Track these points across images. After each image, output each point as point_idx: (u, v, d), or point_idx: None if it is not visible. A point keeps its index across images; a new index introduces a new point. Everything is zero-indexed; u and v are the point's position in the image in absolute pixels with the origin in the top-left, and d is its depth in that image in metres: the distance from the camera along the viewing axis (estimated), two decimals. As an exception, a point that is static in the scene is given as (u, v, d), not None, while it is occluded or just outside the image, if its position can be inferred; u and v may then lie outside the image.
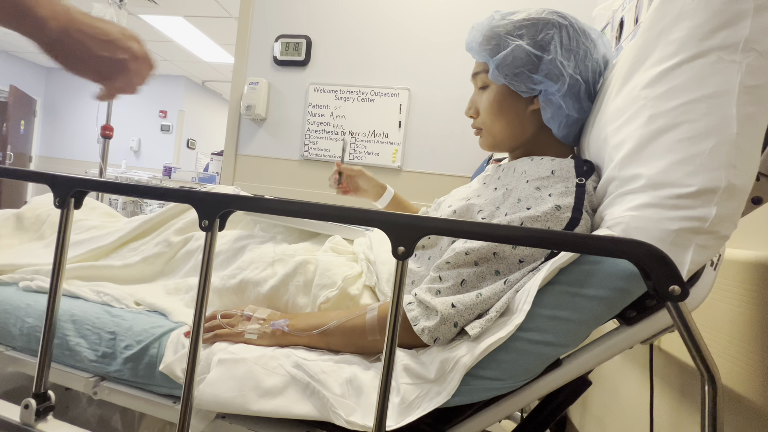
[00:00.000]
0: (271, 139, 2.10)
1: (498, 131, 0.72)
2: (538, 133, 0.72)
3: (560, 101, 0.66)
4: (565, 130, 0.70)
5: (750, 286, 0.62)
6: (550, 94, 0.66)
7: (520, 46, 0.65)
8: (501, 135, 0.73)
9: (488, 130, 0.74)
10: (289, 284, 0.72)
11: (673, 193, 0.47)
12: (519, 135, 0.72)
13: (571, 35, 0.65)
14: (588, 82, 0.67)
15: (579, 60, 0.66)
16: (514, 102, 0.70)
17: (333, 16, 2.03)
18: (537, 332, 0.51)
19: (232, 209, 0.52)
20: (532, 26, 0.66)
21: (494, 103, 0.71)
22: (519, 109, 0.70)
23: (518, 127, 0.71)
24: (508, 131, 0.72)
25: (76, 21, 0.51)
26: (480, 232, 0.47)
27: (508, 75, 0.67)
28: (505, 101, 0.70)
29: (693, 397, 0.74)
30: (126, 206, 4.71)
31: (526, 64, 0.66)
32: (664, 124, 0.49)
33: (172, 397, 0.65)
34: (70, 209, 0.59)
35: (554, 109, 0.67)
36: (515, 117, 0.71)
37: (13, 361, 0.73)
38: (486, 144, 0.76)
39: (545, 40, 0.65)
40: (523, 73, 0.66)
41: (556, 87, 0.65)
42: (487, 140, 0.75)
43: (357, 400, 0.54)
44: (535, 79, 0.66)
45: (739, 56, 0.45)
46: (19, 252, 0.91)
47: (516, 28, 0.66)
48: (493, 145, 0.75)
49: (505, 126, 0.72)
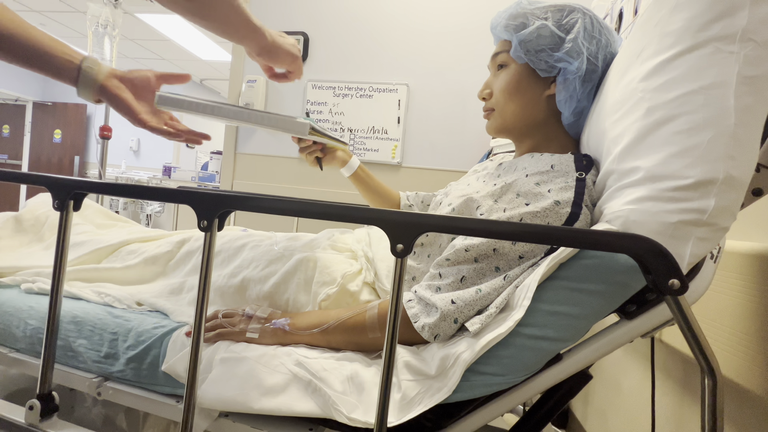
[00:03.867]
0: (269, 137, 2.10)
1: (510, 112, 0.72)
2: (546, 122, 0.72)
3: (576, 83, 0.67)
4: (574, 117, 0.70)
5: (750, 277, 0.62)
6: (569, 73, 0.67)
7: (546, 25, 0.66)
8: (512, 117, 0.72)
9: (500, 111, 0.73)
10: (290, 282, 0.73)
11: (671, 186, 0.47)
12: (529, 119, 0.72)
13: (594, 24, 0.67)
14: (602, 71, 0.68)
15: (599, 47, 0.67)
16: (530, 84, 0.70)
17: (330, 13, 2.02)
18: (537, 327, 0.51)
19: (230, 209, 0.52)
20: (558, 11, 0.68)
21: (512, 81, 0.71)
22: (534, 92, 0.70)
23: (530, 111, 0.71)
24: (520, 113, 0.71)
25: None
26: (479, 229, 0.47)
27: (530, 51, 0.68)
28: (522, 82, 0.70)
29: (695, 389, 0.74)
30: (127, 206, 4.72)
31: (549, 43, 0.66)
32: (662, 116, 0.49)
33: (175, 396, 0.65)
34: (70, 211, 0.59)
35: (570, 92, 0.67)
36: (529, 100, 0.70)
37: (17, 363, 0.74)
38: (494, 126, 0.75)
39: (570, 23, 0.67)
40: (545, 51, 0.67)
41: (576, 65, 0.66)
42: (496, 121, 0.74)
43: (358, 397, 0.54)
44: (556, 57, 0.66)
45: (737, 47, 0.45)
46: (20, 254, 0.92)
47: (542, 11, 0.68)
48: (501, 128, 0.74)
49: (517, 107, 0.71)
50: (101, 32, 2.10)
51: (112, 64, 2.17)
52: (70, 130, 6.13)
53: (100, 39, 2.11)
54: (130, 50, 5.16)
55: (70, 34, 4.83)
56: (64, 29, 4.71)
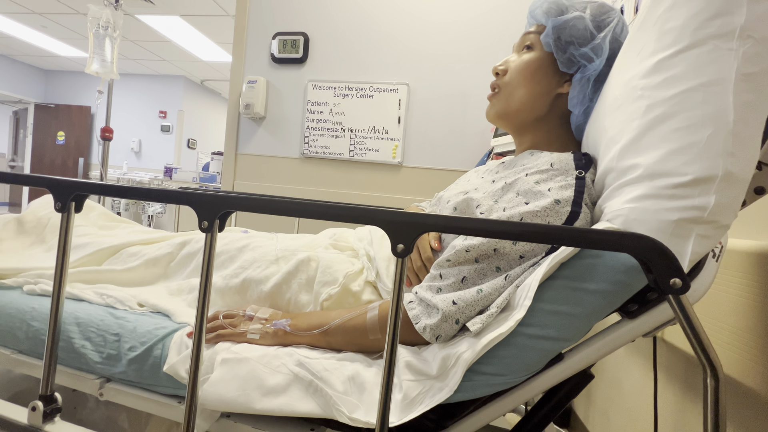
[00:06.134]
0: (270, 138, 2.10)
1: (516, 97, 0.71)
2: (548, 120, 0.71)
3: (590, 84, 0.67)
4: (582, 118, 0.70)
5: (753, 275, 0.62)
6: (587, 70, 0.67)
7: (583, 17, 0.67)
8: (517, 102, 0.71)
9: (507, 94, 0.72)
10: (291, 282, 0.73)
11: (670, 183, 0.47)
12: (531, 111, 0.71)
13: (624, 28, 0.68)
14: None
15: (617, 51, 0.66)
16: (547, 75, 0.70)
17: (330, 13, 2.02)
18: (538, 327, 0.51)
19: (231, 210, 0.52)
20: (598, 7, 0.69)
21: (531, 65, 0.70)
22: (548, 85, 0.70)
23: (537, 102, 0.70)
24: (526, 100, 0.70)
25: None
26: (479, 229, 0.47)
27: (559, 39, 0.68)
28: (540, 69, 0.70)
29: (697, 388, 0.74)
30: (128, 207, 4.74)
31: (581, 36, 0.67)
32: (662, 113, 0.49)
33: (177, 397, 0.65)
34: (71, 213, 0.60)
35: (583, 91, 0.68)
36: (540, 91, 0.70)
37: (19, 364, 0.74)
38: (495, 109, 0.73)
39: (605, 22, 0.67)
40: (573, 44, 0.67)
41: (597, 63, 0.66)
42: (499, 104, 0.73)
43: (360, 397, 0.54)
44: (581, 51, 0.67)
45: (736, 44, 0.45)
46: (22, 256, 0.92)
47: (582, 5, 0.69)
48: (502, 113, 0.73)
49: (525, 94, 0.70)
50: (102, 34, 2.11)
51: (114, 65, 2.17)
52: (75, 132, 6.15)
53: (100, 40, 2.12)
54: (131, 51, 5.17)
55: (70, 35, 4.85)
56: (65, 31, 4.72)
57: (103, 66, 2.12)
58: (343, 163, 2.03)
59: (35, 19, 4.44)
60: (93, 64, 2.11)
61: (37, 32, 4.85)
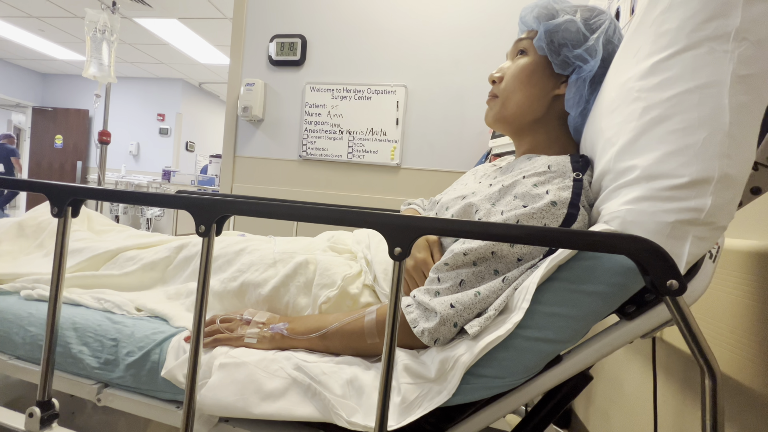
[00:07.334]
0: (268, 140, 2.10)
1: (514, 102, 0.71)
2: (546, 122, 0.72)
3: (586, 85, 0.67)
4: (579, 119, 0.70)
5: (750, 275, 0.62)
6: (583, 71, 0.67)
7: (574, 20, 0.67)
8: (515, 106, 0.71)
9: (505, 98, 0.72)
10: (289, 284, 0.72)
11: (667, 185, 0.47)
12: (529, 114, 0.71)
13: (616, 30, 0.68)
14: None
15: (611, 52, 0.67)
16: (543, 77, 0.70)
17: (327, 15, 2.02)
18: (536, 329, 0.51)
19: (228, 214, 0.52)
20: (588, 10, 0.69)
21: (526, 69, 0.71)
22: (544, 87, 0.70)
23: (534, 104, 0.71)
24: (524, 104, 0.71)
25: None
26: (477, 232, 0.47)
27: (553, 42, 0.68)
28: (536, 73, 0.70)
29: (696, 388, 0.74)
30: (127, 210, 4.73)
31: (573, 38, 0.67)
32: (658, 115, 0.49)
33: (175, 402, 0.65)
34: (68, 218, 0.60)
35: (580, 92, 0.68)
36: (536, 94, 0.70)
37: (17, 370, 0.74)
38: (493, 114, 0.74)
39: (596, 24, 0.68)
40: (566, 46, 0.68)
41: (591, 64, 0.66)
42: (497, 108, 0.73)
43: (358, 401, 0.54)
44: (575, 53, 0.67)
45: (731, 46, 0.45)
46: (20, 261, 0.92)
47: (572, 8, 0.70)
48: (500, 116, 0.73)
49: (523, 98, 0.71)
50: (99, 37, 2.11)
51: (111, 68, 2.17)
52: (72, 136, 6.15)
53: (98, 44, 2.12)
54: (129, 54, 5.17)
55: (68, 39, 4.85)
56: (63, 34, 4.72)
57: (101, 69, 2.12)
58: (341, 165, 2.03)
59: (33, 22, 4.44)
60: (90, 68, 2.11)
61: (34, 36, 4.85)
